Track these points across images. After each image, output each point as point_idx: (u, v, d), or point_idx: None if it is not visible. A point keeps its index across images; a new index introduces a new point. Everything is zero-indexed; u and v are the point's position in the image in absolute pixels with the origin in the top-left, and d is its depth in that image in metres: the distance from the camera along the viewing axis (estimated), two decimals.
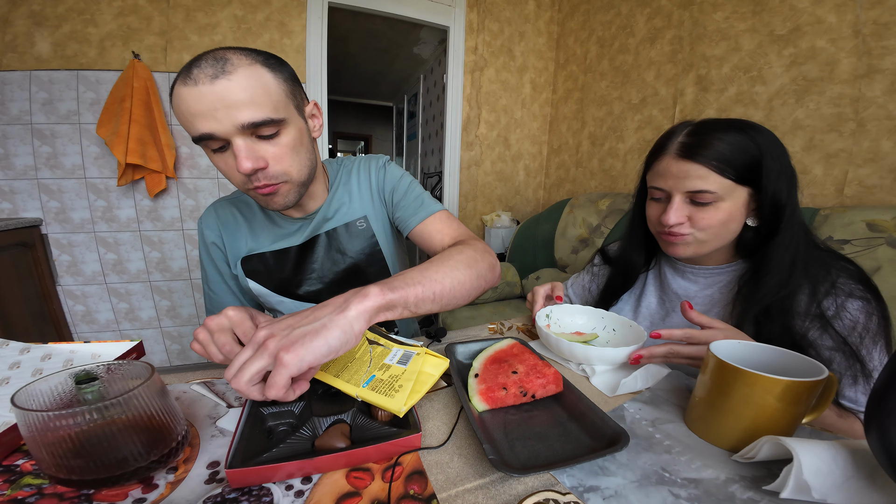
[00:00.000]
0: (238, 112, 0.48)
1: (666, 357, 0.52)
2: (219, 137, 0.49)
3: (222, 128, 0.48)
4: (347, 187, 0.74)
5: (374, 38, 3.28)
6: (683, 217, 0.59)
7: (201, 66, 0.47)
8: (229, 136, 0.49)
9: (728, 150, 0.55)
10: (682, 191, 0.58)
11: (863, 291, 0.53)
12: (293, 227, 0.71)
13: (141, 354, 0.50)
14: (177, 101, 0.49)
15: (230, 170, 0.53)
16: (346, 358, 0.46)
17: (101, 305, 1.87)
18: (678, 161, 0.58)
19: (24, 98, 1.60)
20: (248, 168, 0.50)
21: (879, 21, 1.04)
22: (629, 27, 1.91)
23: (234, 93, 0.47)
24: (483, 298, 2.03)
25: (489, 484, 0.33)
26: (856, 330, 0.52)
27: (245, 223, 0.72)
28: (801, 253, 0.55)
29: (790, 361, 0.40)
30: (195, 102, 0.47)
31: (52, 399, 0.32)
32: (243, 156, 0.50)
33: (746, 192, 0.56)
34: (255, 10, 1.82)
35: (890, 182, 1.04)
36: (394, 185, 0.74)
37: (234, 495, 0.31)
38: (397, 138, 4.66)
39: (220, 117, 0.48)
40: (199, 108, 0.47)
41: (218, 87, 0.47)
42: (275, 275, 0.72)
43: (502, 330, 0.70)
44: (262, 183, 0.53)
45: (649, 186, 0.64)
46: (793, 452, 0.30)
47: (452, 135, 2.39)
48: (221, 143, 0.50)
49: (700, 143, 0.56)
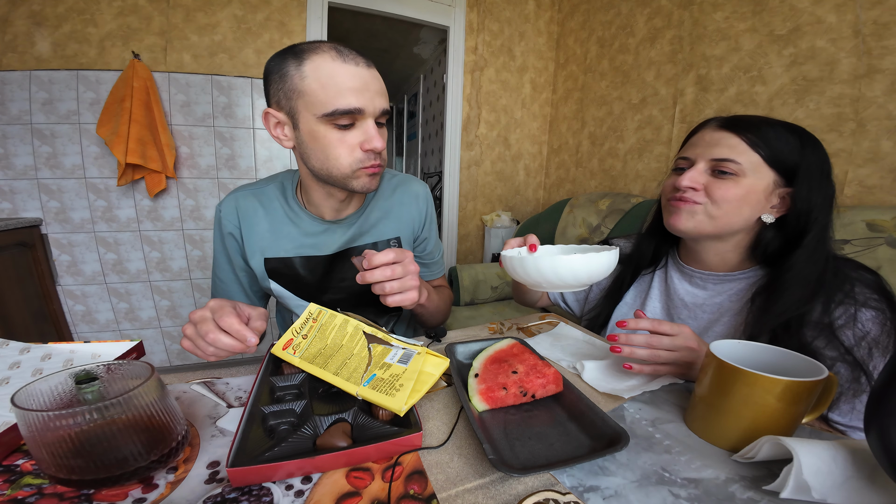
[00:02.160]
0: (380, 98, 0.57)
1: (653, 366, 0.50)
2: (364, 114, 0.55)
3: (371, 107, 0.55)
4: (388, 203, 0.75)
5: (374, 38, 3.28)
6: (699, 183, 0.56)
7: (353, 53, 0.55)
8: (370, 116, 0.56)
9: (773, 133, 0.53)
10: (708, 158, 0.56)
11: (877, 301, 0.50)
12: (319, 228, 0.69)
13: (141, 354, 0.50)
14: (327, 73, 0.53)
15: (347, 146, 0.57)
16: (345, 354, 0.46)
17: (101, 305, 1.87)
18: (715, 130, 0.57)
19: (24, 98, 1.60)
20: (381, 147, 0.58)
21: (879, 21, 1.04)
22: (629, 27, 1.91)
23: (379, 83, 0.57)
24: (483, 298, 2.03)
25: (489, 484, 0.33)
26: (864, 341, 0.49)
27: (266, 218, 0.70)
28: (827, 274, 0.52)
29: (790, 361, 0.40)
30: (351, 79, 0.54)
31: (52, 399, 0.32)
32: (376, 134, 0.57)
33: (772, 177, 0.54)
34: (255, 10, 1.82)
35: (890, 182, 1.04)
36: (428, 226, 0.81)
37: (234, 495, 0.31)
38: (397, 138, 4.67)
39: (371, 98, 0.55)
40: (354, 85, 0.54)
41: (373, 73, 0.56)
42: (301, 280, 0.71)
43: (502, 330, 0.70)
44: (377, 162, 0.59)
45: (677, 158, 0.62)
46: (793, 452, 0.30)
47: (452, 135, 2.39)
48: (352, 121, 0.56)
49: (746, 121, 0.55)
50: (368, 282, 0.53)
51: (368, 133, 0.56)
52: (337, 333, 0.49)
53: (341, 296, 0.73)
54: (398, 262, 0.53)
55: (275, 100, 0.57)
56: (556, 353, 0.61)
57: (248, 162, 1.94)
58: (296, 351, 0.48)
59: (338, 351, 0.47)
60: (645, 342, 0.49)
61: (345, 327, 0.50)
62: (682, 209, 0.58)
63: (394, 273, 0.53)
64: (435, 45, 3.07)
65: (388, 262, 0.53)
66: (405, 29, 2.91)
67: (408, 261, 0.55)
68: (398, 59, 3.67)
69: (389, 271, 0.52)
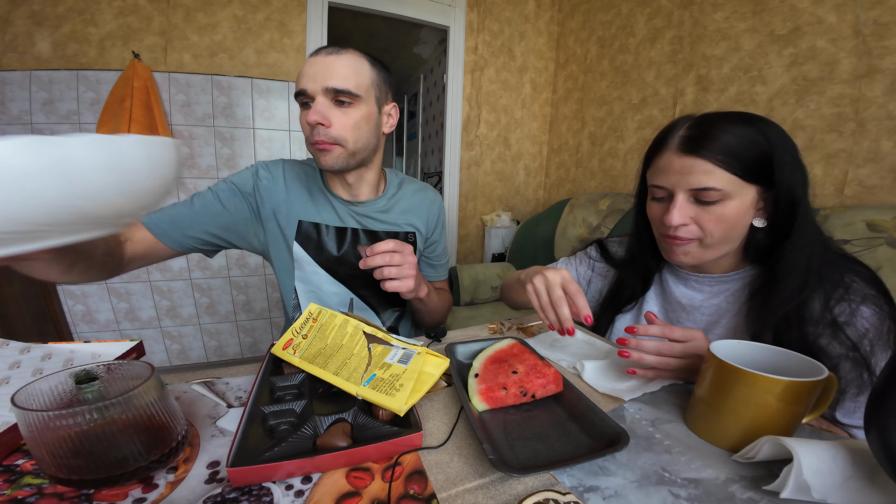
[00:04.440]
0: (330, 78, 0.61)
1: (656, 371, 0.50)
2: (307, 94, 0.62)
3: (313, 86, 0.61)
4: (410, 202, 0.82)
5: (374, 38, 3.27)
6: (688, 217, 0.54)
7: (327, 48, 0.63)
8: (315, 94, 0.62)
9: (735, 142, 0.50)
10: (686, 188, 0.53)
11: (875, 297, 0.50)
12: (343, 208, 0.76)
13: (141, 354, 0.50)
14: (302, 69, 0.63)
15: (304, 123, 0.64)
16: (344, 354, 0.46)
17: (101, 305, 1.87)
18: (680, 156, 0.53)
19: (24, 98, 1.60)
20: (313, 120, 0.61)
21: (879, 21, 1.04)
22: (629, 27, 1.91)
23: (336, 66, 0.62)
24: (483, 298, 2.03)
25: (489, 484, 0.33)
26: (867, 337, 0.49)
27: (306, 186, 0.76)
28: (816, 255, 0.52)
29: (790, 361, 0.40)
30: (308, 67, 0.62)
31: (52, 399, 0.32)
32: (314, 109, 0.62)
33: (755, 191, 0.52)
34: (255, 10, 1.82)
35: (890, 182, 1.04)
36: (440, 231, 0.88)
37: (234, 495, 0.31)
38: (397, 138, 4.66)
39: (318, 80, 0.61)
40: (307, 71, 0.62)
41: (328, 59, 0.62)
42: (324, 249, 0.75)
43: (502, 330, 0.70)
44: (320, 138, 0.63)
45: (650, 185, 0.60)
46: (793, 452, 0.30)
47: (452, 135, 2.39)
48: (307, 100, 0.63)
49: (704, 136, 0.51)
50: (370, 266, 0.59)
51: (311, 108, 0.62)
52: (337, 333, 0.49)
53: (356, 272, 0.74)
54: (397, 252, 0.60)
55: None
56: (557, 353, 0.61)
57: (248, 162, 1.94)
58: (296, 351, 0.48)
59: (338, 351, 0.47)
60: (655, 349, 0.49)
61: (345, 327, 0.50)
62: (677, 248, 0.58)
63: (392, 260, 0.59)
64: (435, 45, 3.07)
65: (388, 250, 0.59)
66: (405, 29, 2.91)
67: (406, 252, 0.61)
68: (398, 59, 3.67)
69: (388, 258, 0.59)
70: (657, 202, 0.59)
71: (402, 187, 0.83)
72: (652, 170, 0.59)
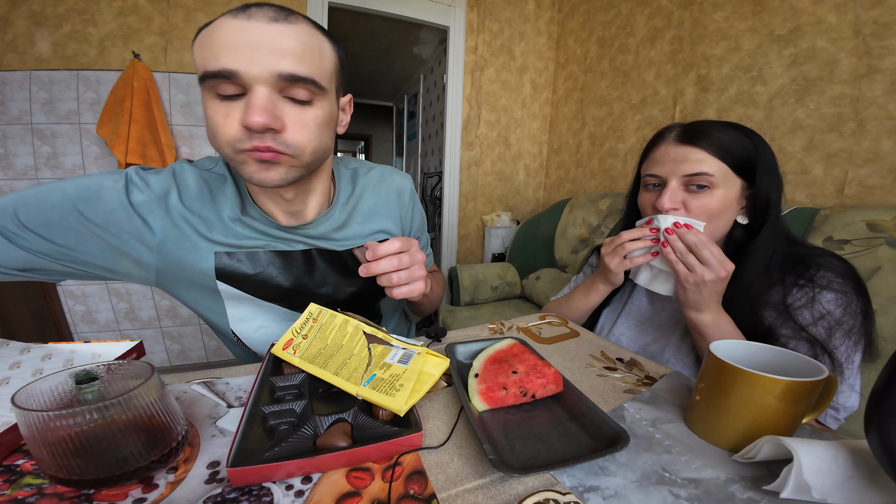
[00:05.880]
0: (282, 59, 0.42)
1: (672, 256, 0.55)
2: (241, 80, 0.41)
3: (254, 70, 0.41)
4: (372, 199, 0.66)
5: (374, 38, 3.28)
6: (678, 202, 0.58)
7: (263, 8, 0.42)
8: (254, 81, 0.41)
9: (726, 138, 0.56)
10: (679, 174, 0.58)
11: (841, 285, 0.53)
12: (277, 232, 0.57)
13: (141, 354, 0.50)
14: (210, 32, 0.42)
15: (226, 123, 0.43)
16: (344, 354, 0.46)
17: (101, 305, 1.87)
18: (677, 146, 0.58)
19: (24, 98, 1.60)
20: (258, 123, 0.41)
21: (879, 21, 1.04)
22: (629, 27, 1.91)
23: (287, 39, 0.42)
24: (483, 298, 2.03)
25: (489, 484, 0.33)
26: (824, 320, 0.52)
27: (215, 206, 0.54)
28: (776, 255, 0.57)
29: (790, 361, 0.40)
30: (236, 35, 0.41)
31: (53, 399, 0.32)
32: (259, 106, 0.41)
33: (740, 184, 0.57)
34: None
35: (890, 182, 1.04)
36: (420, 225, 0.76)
37: (235, 495, 0.31)
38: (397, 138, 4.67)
39: (258, 59, 0.41)
40: (235, 42, 0.40)
41: (273, 29, 0.42)
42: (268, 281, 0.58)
43: (502, 330, 0.70)
44: (266, 145, 0.44)
45: (644, 175, 0.65)
46: (793, 452, 0.30)
47: (452, 135, 2.39)
48: (237, 90, 0.42)
49: (699, 130, 0.57)
50: (374, 273, 0.49)
51: (248, 103, 0.42)
52: (337, 333, 0.49)
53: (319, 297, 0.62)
54: (405, 252, 0.50)
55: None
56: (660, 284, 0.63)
57: None
58: (296, 351, 0.48)
59: (338, 351, 0.47)
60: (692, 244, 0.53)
61: (345, 327, 0.50)
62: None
63: (401, 263, 0.49)
64: (435, 45, 3.07)
65: (395, 251, 0.49)
66: (405, 29, 2.91)
67: (414, 249, 0.51)
68: (398, 59, 3.67)
69: (396, 261, 0.49)
70: (649, 191, 0.64)
71: (356, 184, 0.65)
72: (648, 162, 0.64)
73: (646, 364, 0.56)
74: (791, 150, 1.25)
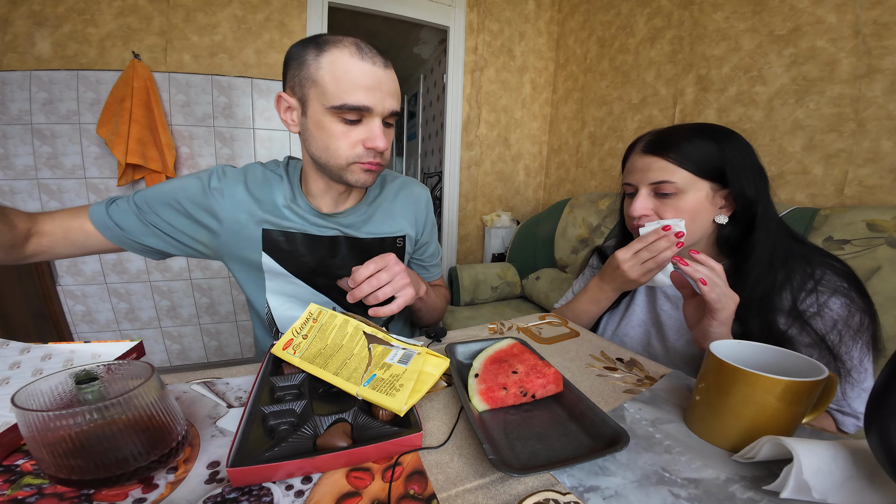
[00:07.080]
0: (391, 99, 0.58)
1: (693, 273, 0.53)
2: (371, 113, 0.57)
3: (380, 108, 0.57)
4: (392, 204, 0.76)
5: (374, 38, 3.27)
6: (648, 209, 0.62)
7: (368, 51, 0.56)
8: (377, 115, 0.57)
9: (689, 146, 0.58)
10: (646, 182, 0.61)
11: (846, 289, 0.54)
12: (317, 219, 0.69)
13: (141, 354, 0.50)
14: (342, 68, 0.54)
15: (349, 141, 0.58)
16: (345, 354, 0.46)
17: (101, 305, 1.87)
18: (643, 156, 0.62)
19: (24, 98, 1.60)
20: (383, 146, 0.58)
21: (879, 21, 1.04)
22: (629, 27, 1.91)
23: (394, 83, 0.59)
24: (483, 298, 2.03)
25: (489, 484, 0.33)
26: (836, 327, 0.53)
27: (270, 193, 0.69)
28: (777, 249, 0.57)
29: (790, 361, 0.40)
30: (365, 76, 0.55)
31: (53, 399, 0.32)
32: (381, 135, 0.58)
33: (708, 185, 0.59)
34: (255, 10, 1.82)
35: (890, 182, 1.04)
36: (430, 231, 0.84)
37: (235, 495, 0.31)
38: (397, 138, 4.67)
39: (381, 98, 0.56)
40: (366, 83, 0.55)
41: (389, 74, 0.57)
42: (299, 258, 0.70)
43: (502, 330, 0.70)
44: (377, 161, 0.60)
45: (623, 184, 0.69)
46: (793, 452, 0.30)
47: (452, 135, 2.39)
48: (359, 117, 0.57)
49: (662, 140, 0.61)
50: (358, 298, 0.55)
51: (373, 131, 0.58)
52: (337, 333, 0.50)
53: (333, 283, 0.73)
54: (381, 269, 0.56)
55: (290, 85, 0.59)
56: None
57: (247, 162, 1.94)
58: (296, 351, 0.48)
59: (338, 351, 0.47)
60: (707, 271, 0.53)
61: (345, 327, 0.50)
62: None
63: (380, 281, 0.55)
64: (435, 45, 3.07)
65: (371, 273, 0.55)
66: (405, 29, 2.91)
67: (391, 263, 0.57)
68: (398, 59, 3.67)
69: (375, 281, 0.55)
70: (628, 198, 0.67)
71: (384, 187, 0.77)
72: (625, 171, 0.68)
73: (646, 364, 0.57)
74: (791, 150, 1.25)
